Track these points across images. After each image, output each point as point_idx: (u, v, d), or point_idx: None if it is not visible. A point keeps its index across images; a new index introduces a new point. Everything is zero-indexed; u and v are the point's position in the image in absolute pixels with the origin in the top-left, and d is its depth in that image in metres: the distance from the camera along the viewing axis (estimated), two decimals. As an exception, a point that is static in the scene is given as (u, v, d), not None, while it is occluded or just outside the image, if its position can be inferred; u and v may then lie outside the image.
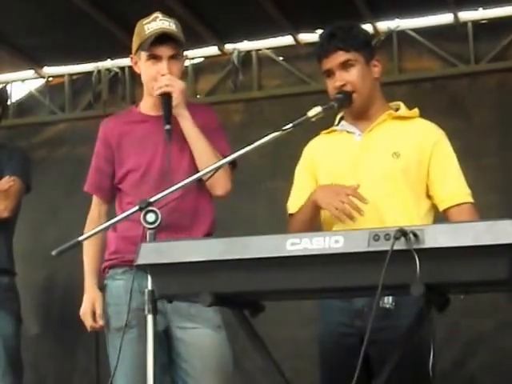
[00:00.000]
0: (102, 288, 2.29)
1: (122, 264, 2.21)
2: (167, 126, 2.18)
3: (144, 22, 2.28)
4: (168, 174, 2.14)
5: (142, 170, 2.25)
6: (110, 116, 2.48)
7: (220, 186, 2.25)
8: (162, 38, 2.23)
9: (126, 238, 2.18)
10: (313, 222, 2.10)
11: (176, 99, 2.21)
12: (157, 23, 2.26)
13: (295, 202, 2.18)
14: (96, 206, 2.36)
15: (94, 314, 2.26)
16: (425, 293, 1.47)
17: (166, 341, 2.21)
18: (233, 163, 2.27)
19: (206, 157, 2.18)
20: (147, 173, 2.24)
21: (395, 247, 1.46)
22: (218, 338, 2.20)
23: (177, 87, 2.22)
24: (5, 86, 4.39)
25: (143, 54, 2.26)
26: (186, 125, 2.23)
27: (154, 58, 2.24)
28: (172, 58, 2.25)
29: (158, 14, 2.29)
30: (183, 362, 2.20)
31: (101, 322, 2.24)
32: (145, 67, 2.27)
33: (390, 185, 2.07)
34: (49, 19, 3.73)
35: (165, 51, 2.24)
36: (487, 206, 3.15)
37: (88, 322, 2.27)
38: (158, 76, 2.24)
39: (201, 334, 2.19)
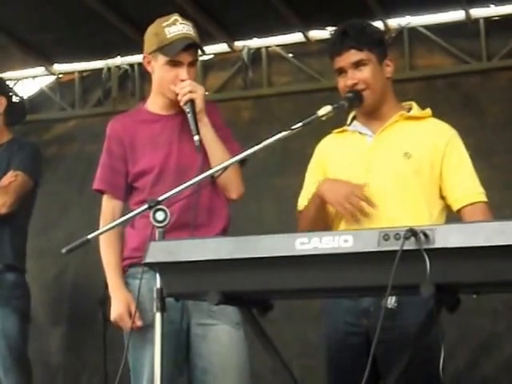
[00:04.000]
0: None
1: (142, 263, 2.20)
2: (196, 137, 2.17)
3: (164, 24, 2.25)
4: (186, 173, 2.11)
5: (158, 169, 2.25)
6: (119, 115, 2.46)
7: (234, 189, 2.27)
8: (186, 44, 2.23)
9: (147, 236, 2.16)
10: (319, 217, 2.08)
11: (199, 105, 2.21)
12: (178, 27, 2.24)
13: (304, 200, 2.17)
14: (108, 205, 2.32)
15: (130, 315, 2.19)
16: (435, 293, 1.46)
17: (185, 340, 2.20)
18: (242, 161, 2.25)
19: (222, 162, 2.12)
20: (163, 172, 2.24)
21: (405, 247, 1.45)
22: (237, 335, 2.19)
23: (199, 93, 2.22)
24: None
25: (162, 58, 2.24)
26: (206, 131, 2.23)
27: (174, 62, 2.24)
28: (190, 63, 2.26)
29: (177, 17, 2.27)
30: (201, 360, 2.19)
31: (139, 323, 2.17)
32: (162, 70, 2.26)
33: (401, 186, 2.06)
34: (59, 16, 3.74)
35: (186, 58, 2.24)
36: (500, 204, 3.12)
37: (127, 324, 2.18)
38: (176, 80, 2.24)
39: (220, 329, 2.18)
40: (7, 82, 3.51)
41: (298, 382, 1.80)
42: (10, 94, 3.24)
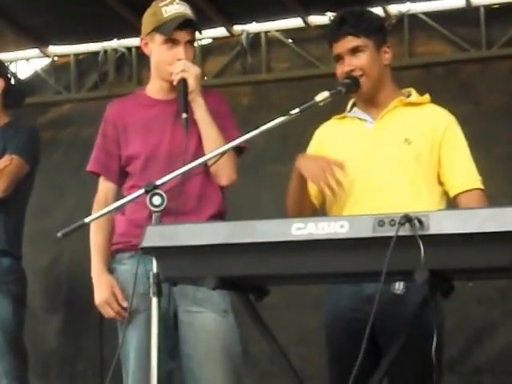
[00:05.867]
0: (110, 271, 2.26)
1: (129, 248, 2.19)
2: (184, 115, 2.16)
3: (160, 4, 2.26)
4: (177, 159, 2.12)
5: (149, 153, 2.24)
6: (117, 99, 2.46)
7: (225, 175, 2.25)
8: (182, 22, 2.22)
9: (133, 221, 2.17)
10: (301, 195, 2.07)
11: (192, 85, 2.21)
12: (175, 7, 2.25)
13: None
14: (102, 188, 2.33)
15: (115, 299, 2.20)
16: (429, 279, 1.46)
17: (174, 326, 2.19)
18: (240, 149, 2.26)
19: (216, 146, 2.14)
20: (154, 156, 2.24)
21: (400, 233, 1.47)
22: (224, 323, 2.19)
23: (192, 73, 2.21)
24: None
25: (159, 37, 2.24)
26: (199, 112, 2.23)
27: (171, 42, 2.23)
28: (188, 43, 2.25)
29: None
30: (186, 347, 2.18)
31: (125, 305, 2.17)
32: (159, 50, 2.25)
33: (402, 172, 2.06)
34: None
35: (183, 36, 2.23)
36: (497, 194, 3.12)
37: (113, 309, 2.20)
38: (173, 60, 2.23)
39: (206, 317, 2.18)
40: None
41: (295, 369, 1.80)
42: (8, 76, 3.21)
